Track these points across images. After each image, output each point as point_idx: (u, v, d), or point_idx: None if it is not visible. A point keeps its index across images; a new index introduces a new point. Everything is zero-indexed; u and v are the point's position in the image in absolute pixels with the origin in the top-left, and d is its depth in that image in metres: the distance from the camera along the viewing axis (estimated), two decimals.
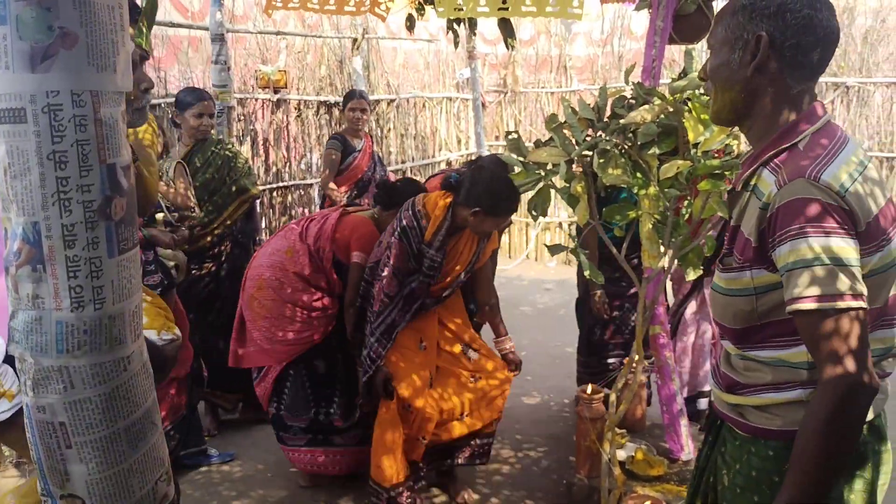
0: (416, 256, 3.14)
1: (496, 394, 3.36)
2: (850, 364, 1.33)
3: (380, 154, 5.62)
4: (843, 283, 1.33)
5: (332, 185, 5.06)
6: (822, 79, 7.23)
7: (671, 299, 4.18)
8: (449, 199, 3.13)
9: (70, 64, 0.81)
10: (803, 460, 1.37)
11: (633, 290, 4.00)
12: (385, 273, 3.15)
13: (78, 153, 0.83)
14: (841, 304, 1.33)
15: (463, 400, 3.29)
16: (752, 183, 1.53)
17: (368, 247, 3.41)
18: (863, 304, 1.35)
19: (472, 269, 3.33)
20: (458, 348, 3.41)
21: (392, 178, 5.39)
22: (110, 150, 0.86)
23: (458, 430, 3.29)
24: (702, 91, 2.75)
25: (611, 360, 4.20)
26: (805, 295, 1.35)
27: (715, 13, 3.40)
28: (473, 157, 4.38)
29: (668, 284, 4.01)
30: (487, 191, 3.02)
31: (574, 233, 6.11)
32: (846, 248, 1.35)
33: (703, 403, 3.95)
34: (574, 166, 2.81)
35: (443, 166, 7.92)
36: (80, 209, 0.84)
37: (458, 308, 3.47)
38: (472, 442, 3.40)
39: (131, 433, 0.94)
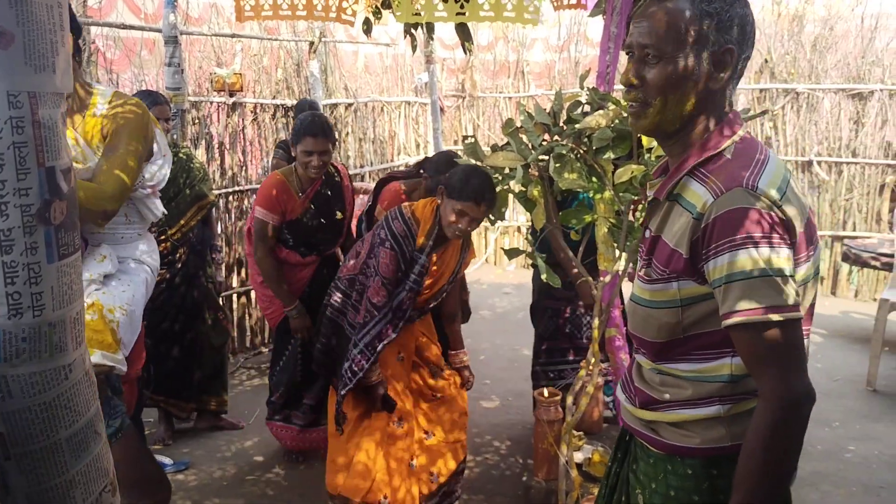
0: (409, 263, 3.07)
1: (453, 438, 3.33)
2: (792, 376, 1.31)
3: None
4: (784, 294, 1.30)
5: None
6: (772, 85, 7.41)
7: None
8: (436, 204, 3.09)
9: (6, 64, 0.79)
10: (750, 479, 1.33)
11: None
12: (373, 283, 3.06)
13: (15, 156, 0.81)
14: (782, 317, 1.30)
15: (433, 416, 3.29)
16: (677, 192, 1.47)
17: (265, 201, 3.64)
18: (801, 314, 1.33)
19: (455, 278, 3.31)
20: (423, 366, 3.40)
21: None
22: (49, 152, 0.84)
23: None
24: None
25: (563, 367, 4.23)
26: (746, 308, 1.31)
27: None
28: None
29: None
30: (456, 172, 2.98)
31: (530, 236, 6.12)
32: (785, 258, 1.33)
33: None
34: (530, 170, 2.82)
35: (401, 169, 7.90)
36: (18, 213, 0.82)
37: (428, 322, 3.45)
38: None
39: (73, 443, 0.91)
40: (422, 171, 3.81)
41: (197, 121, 5.44)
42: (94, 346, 2.12)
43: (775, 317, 1.29)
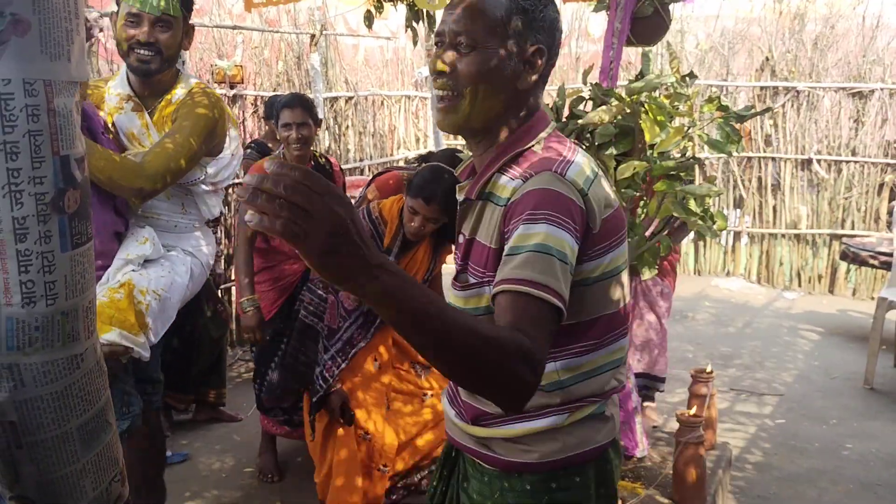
0: None
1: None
2: (536, 349, 1.13)
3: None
4: (559, 281, 1.23)
5: None
6: (773, 83, 7.40)
7: None
8: (402, 203, 3.04)
9: (22, 52, 0.78)
10: (433, 324, 1.01)
11: None
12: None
13: (30, 144, 0.81)
14: (549, 299, 1.20)
15: (420, 420, 3.22)
16: (488, 191, 1.43)
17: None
18: (563, 309, 1.23)
19: (430, 277, 3.26)
20: (407, 365, 3.31)
21: None
22: (64, 141, 0.84)
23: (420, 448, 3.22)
24: (658, 93, 2.80)
25: None
26: (521, 277, 1.21)
27: (672, 16, 3.45)
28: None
29: None
30: (422, 169, 2.95)
31: None
32: (570, 248, 1.27)
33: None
34: None
35: (401, 164, 7.90)
36: (32, 202, 0.82)
37: None
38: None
39: (84, 433, 0.91)
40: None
41: None
42: (115, 324, 2.06)
43: (540, 294, 1.19)
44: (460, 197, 1.50)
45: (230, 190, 5.75)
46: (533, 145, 1.42)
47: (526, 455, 1.42)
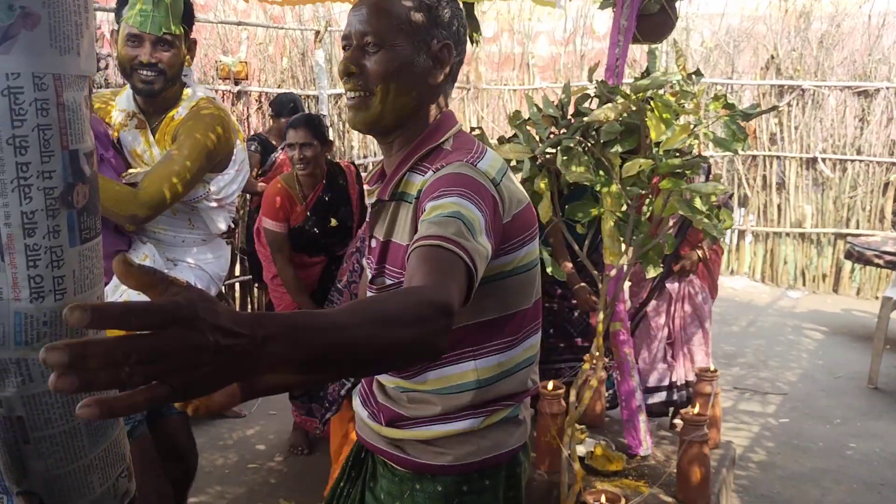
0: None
1: None
2: (448, 297, 1.04)
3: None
4: (470, 242, 1.16)
5: (260, 184, 4.96)
6: (778, 81, 7.38)
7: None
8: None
9: (32, 45, 0.78)
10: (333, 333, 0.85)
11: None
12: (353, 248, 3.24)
13: (39, 138, 0.80)
14: (460, 253, 1.13)
15: None
16: (401, 191, 1.41)
17: (270, 211, 3.58)
18: (475, 272, 1.15)
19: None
20: None
21: None
22: (73, 135, 0.84)
23: None
24: (664, 91, 2.79)
25: (560, 365, 4.20)
26: (433, 234, 1.15)
27: (678, 13, 3.44)
28: None
29: (626, 285, 4.07)
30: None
31: None
32: (482, 224, 1.22)
33: (656, 397, 4.02)
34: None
35: None
36: (41, 196, 0.81)
37: None
38: None
39: (92, 428, 0.91)
40: None
41: None
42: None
43: (458, 249, 1.13)
44: (371, 200, 1.48)
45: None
46: (443, 143, 1.42)
47: (440, 458, 1.41)
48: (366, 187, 1.52)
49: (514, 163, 2.83)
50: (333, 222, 3.74)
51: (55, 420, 0.86)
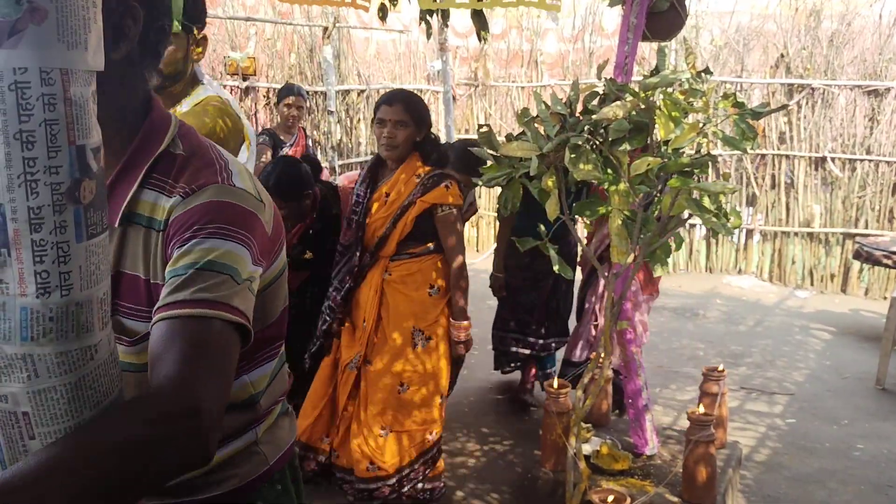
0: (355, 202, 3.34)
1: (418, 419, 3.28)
2: (205, 382, 0.95)
3: (313, 148, 5.52)
4: (236, 297, 1.05)
5: None
6: (788, 80, 7.35)
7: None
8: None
9: (39, 40, 0.78)
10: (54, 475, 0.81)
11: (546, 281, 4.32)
12: (344, 225, 3.35)
13: (46, 133, 0.80)
14: (233, 318, 1.03)
15: (386, 411, 3.24)
16: (128, 211, 1.13)
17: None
18: (250, 328, 1.07)
19: (396, 221, 3.23)
20: (402, 333, 3.28)
21: (326, 174, 5.36)
22: (80, 130, 0.83)
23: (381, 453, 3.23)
24: (673, 89, 2.78)
25: (515, 349, 4.46)
26: (186, 300, 1.01)
27: (688, 11, 3.42)
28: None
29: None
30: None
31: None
32: (251, 255, 1.11)
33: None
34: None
35: None
36: (48, 191, 0.81)
37: (414, 283, 3.30)
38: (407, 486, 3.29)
39: None
40: None
41: None
42: None
43: (222, 315, 1.03)
44: None
45: None
46: (168, 146, 1.17)
47: (228, 483, 1.28)
48: None
49: (521, 160, 2.82)
50: (308, 254, 3.61)
51: (61, 416, 0.86)
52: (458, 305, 3.29)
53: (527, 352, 4.42)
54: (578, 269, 4.14)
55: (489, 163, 2.77)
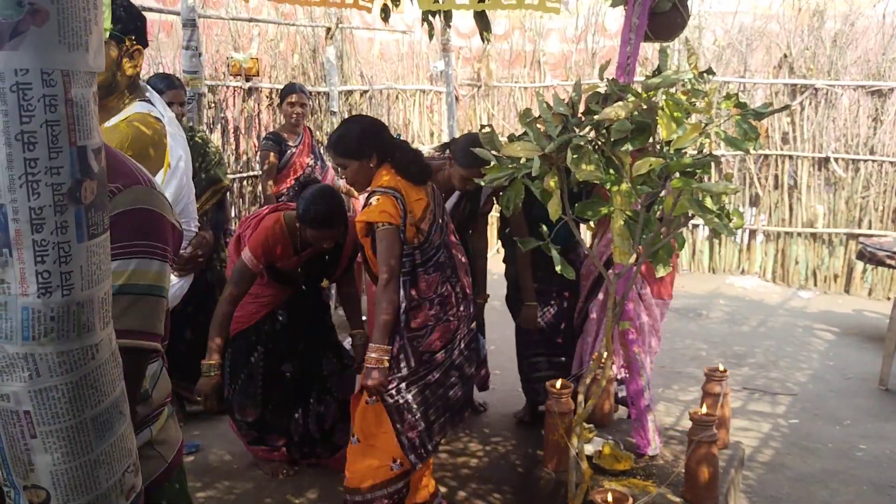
0: None
1: None
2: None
3: (318, 148, 5.53)
4: (159, 322, 1.16)
5: (269, 183, 5.03)
6: (791, 80, 7.34)
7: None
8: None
9: (40, 41, 0.78)
10: None
11: (565, 292, 4.12)
12: None
13: (47, 134, 0.81)
14: (149, 345, 1.14)
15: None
16: None
17: (258, 248, 3.29)
18: (156, 345, 1.18)
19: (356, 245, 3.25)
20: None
21: (332, 172, 5.36)
22: (81, 131, 0.84)
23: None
24: (676, 89, 2.78)
25: (540, 374, 4.16)
26: (135, 329, 1.12)
27: (690, 11, 3.42)
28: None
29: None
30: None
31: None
32: (160, 263, 1.17)
33: None
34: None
35: None
36: (49, 192, 0.82)
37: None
38: None
39: (98, 423, 0.92)
40: (447, 152, 3.85)
41: (213, 105, 5.44)
42: None
43: (148, 344, 1.15)
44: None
45: (244, 182, 5.77)
46: None
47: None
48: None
49: (523, 160, 2.82)
50: (325, 283, 3.67)
51: (62, 414, 0.87)
52: (375, 326, 2.96)
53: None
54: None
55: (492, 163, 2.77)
